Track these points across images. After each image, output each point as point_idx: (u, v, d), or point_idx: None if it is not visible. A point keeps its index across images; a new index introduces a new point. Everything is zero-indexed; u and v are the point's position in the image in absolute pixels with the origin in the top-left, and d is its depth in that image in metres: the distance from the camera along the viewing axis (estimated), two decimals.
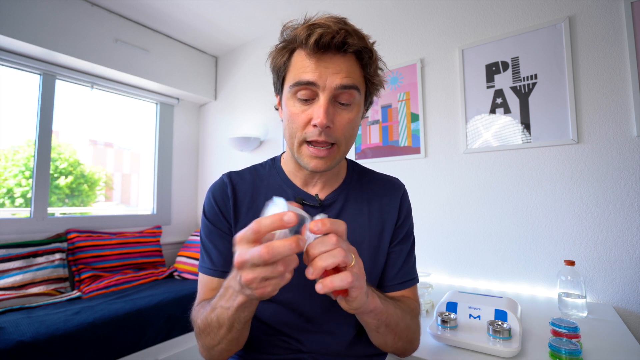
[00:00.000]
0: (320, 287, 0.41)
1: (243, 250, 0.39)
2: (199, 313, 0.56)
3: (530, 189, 1.28)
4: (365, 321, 0.54)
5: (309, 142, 0.56)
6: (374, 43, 0.59)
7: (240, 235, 0.40)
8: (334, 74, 0.53)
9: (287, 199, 0.64)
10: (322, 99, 0.53)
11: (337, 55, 0.54)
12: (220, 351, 0.55)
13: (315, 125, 0.54)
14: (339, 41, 0.52)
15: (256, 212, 0.63)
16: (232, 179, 0.66)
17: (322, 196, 0.65)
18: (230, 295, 0.46)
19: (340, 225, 0.43)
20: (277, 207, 0.40)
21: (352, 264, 0.42)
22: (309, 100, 0.55)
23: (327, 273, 0.42)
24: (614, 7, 1.15)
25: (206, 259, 0.64)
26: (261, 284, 0.40)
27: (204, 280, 0.64)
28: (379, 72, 0.61)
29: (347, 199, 0.66)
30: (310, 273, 0.40)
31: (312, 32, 0.52)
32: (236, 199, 0.64)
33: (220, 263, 0.62)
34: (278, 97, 0.64)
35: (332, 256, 0.40)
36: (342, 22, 0.54)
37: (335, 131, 0.55)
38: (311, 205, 0.64)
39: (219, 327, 0.51)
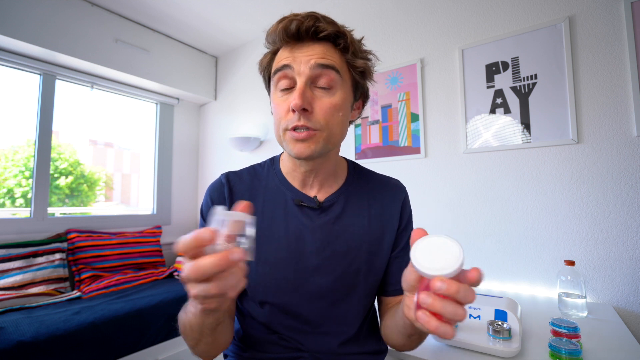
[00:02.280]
0: (426, 321, 0.36)
1: (184, 264, 0.36)
2: (181, 315, 0.55)
3: (530, 188, 1.28)
4: (406, 328, 0.51)
5: (291, 129, 0.55)
6: (362, 38, 0.60)
7: (178, 246, 0.36)
8: (308, 55, 0.54)
9: (285, 201, 0.63)
10: (299, 82, 0.54)
11: (312, 42, 0.55)
12: (201, 351, 0.54)
13: (293, 111, 0.53)
14: (309, 26, 0.53)
15: (254, 214, 0.63)
16: (229, 179, 0.65)
17: (321, 198, 0.64)
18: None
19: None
20: (215, 217, 0.36)
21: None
22: (290, 89, 0.56)
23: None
24: (614, 7, 1.15)
25: None
26: (205, 300, 0.37)
27: None
28: (369, 57, 0.60)
29: (347, 201, 0.65)
30: (426, 303, 0.36)
31: (281, 23, 0.54)
32: (233, 200, 0.63)
33: None
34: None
35: (454, 313, 0.35)
36: (312, 12, 0.55)
37: (315, 116, 0.54)
38: (310, 207, 0.63)
39: (191, 330, 0.50)
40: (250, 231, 0.37)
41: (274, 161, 0.70)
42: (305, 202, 0.63)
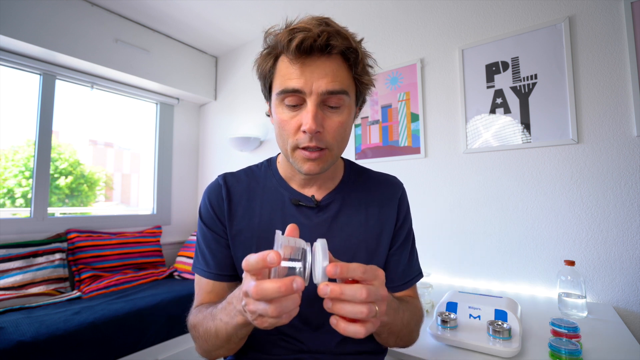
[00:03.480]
0: (335, 324, 0.41)
1: (246, 281, 0.40)
2: (197, 318, 0.57)
3: (530, 189, 1.28)
4: None
5: (302, 148, 0.56)
6: (361, 40, 0.58)
7: (244, 264, 0.40)
8: (320, 78, 0.52)
9: (283, 201, 0.64)
10: (310, 105, 0.52)
11: (322, 58, 0.53)
12: (216, 354, 0.57)
13: (304, 132, 0.53)
14: (321, 44, 0.51)
15: (252, 215, 0.63)
16: (227, 180, 0.66)
17: (319, 197, 0.65)
18: (231, 312, 0.47)
19: (374, 274, 0.42)
20: (276, 242, 0.40)
21: (374, 315, 0.40)
22: (297, 106, 0.54)
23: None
24: (614, 7, 1.15)
25: (201, 260, 0.64)
26: (260, 318, 0.40)
27: (200, 283, 0.64)
28: (369, 69, 0.59)
29: (344, 201, 0.66)
30: (328, 307, 0.40)
31: (293, 37, 0.51)
32: (231, 201, 0.64)
33: (214, 266, 0.62)
34: (268, 103, 0.63)
35: (353, 312, 0.39)
36: (324, 24, 0.53)
37: (326, 135, 0.55)
38: (308, 207, 0.63)
39: (216, 338, 0.52)
40: (309, 259, 0.41)
41: (270, 162, 0.70)
42: (303, 202, 0.63)
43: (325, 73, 0.52)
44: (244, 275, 0.41)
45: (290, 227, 0.45)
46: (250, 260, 0.38)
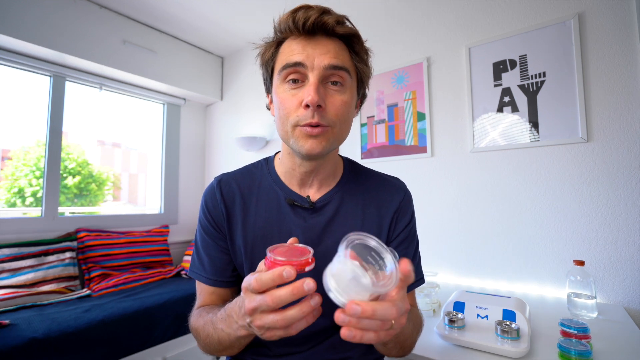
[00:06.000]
0: (351, 336, 0.37)
1: (250, 298, 0.40)
2: (198, 323, 0.57)
3: (539, 188, 1.27)
4: None
5: (303, 125, 0.54)
6: (365, 41, 0.59)
7: (244, 285, 0.41)
8: (322, 54, 0.53)
9: (279, 200, 0.63)
10: (312, 78, 0.52)
11: (325, 38, 0.54)
12: (221, 354, 0.58)
13: (307, 106, 0.52)
14: (324, 22, 0.52)
15: (247, 214, 0.62)
16: (221, 183, 0.65)
17: (318, 196, 0.63)
18: (232, 324, 0.47)
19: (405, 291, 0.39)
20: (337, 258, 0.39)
21: (390, 328, 0.38)
22: (299, 82, 0.54)
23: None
24: (625, 3, 1.13)
25: (198, 265, 0.64)
26: (268, 332, 0.41)
27: (200, 286, 0.64)
28: (368, 60, 0.60)
29: (342, 201, 0.63)
30: (342, 320, 0.36)
31: (296, 14, 0.52)
32: (226, 204, 0.63)
33: (212, 272, 0.62)
34: (269, 96, 0.64)
35: (370, 326, 0.37)
36: (327, 8, 0.54)
37: (328, 113, 0.53)
38: (303, 207, 0.62)
39: (219, 344, 0.52)
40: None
41: (268, 161, 0.69)
42: (298, 202, 0.62)
43: (327, 50, 0.53)
44: (245, 294, 0.41)
45: (292, 240, 0.47)
46: (264, 277, 0.39)
